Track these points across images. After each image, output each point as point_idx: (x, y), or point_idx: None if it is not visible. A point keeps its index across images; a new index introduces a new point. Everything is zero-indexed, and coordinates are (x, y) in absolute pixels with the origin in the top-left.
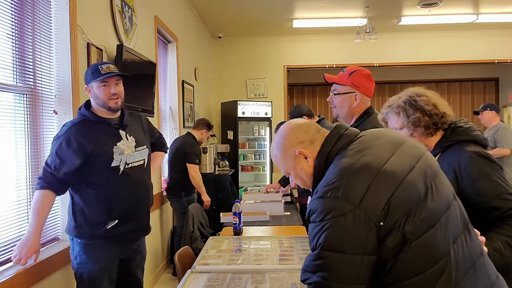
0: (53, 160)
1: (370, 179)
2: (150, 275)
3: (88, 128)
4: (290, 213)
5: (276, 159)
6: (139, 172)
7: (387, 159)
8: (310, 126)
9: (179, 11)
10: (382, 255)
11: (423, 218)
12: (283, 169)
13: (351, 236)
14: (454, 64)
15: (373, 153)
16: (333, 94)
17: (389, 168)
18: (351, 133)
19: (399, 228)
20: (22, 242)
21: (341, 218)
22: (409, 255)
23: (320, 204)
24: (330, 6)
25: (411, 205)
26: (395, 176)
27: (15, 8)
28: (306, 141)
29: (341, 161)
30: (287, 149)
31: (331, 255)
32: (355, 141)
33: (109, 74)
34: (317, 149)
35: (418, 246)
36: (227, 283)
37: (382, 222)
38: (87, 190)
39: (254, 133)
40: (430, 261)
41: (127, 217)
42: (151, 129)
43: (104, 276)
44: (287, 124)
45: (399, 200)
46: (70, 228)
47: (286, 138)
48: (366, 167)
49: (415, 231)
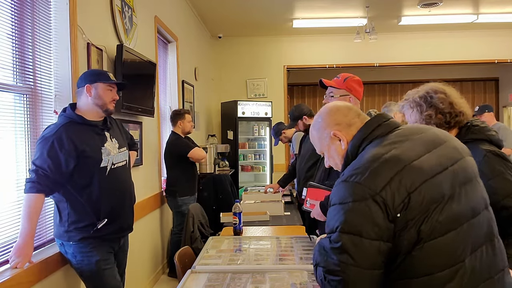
0: (45, 161)
1: (395, 171)
2: (150, 275)
3: (76, 130)
4: (290, 213)
5: (312, 137)
6: (123, 172)
7: (419, 155)
8: (350, 110)
9: (179, 11)
10: (395, 248)
11: (442, 220)
12: (318, 148)
13: (369, 221)
14: (454, 64)
15: (405, 147)
16: (330, 97)
17: (418, 164)
18: (391, 124)
19: (415, 225)
20: (19, 248)
21: (361, 203)
22: (422, 254)
23: (342, 187)
24: (330, 6)
25: (431, 204)
26: (422, 173)
27: (15, 8)
28: (343, 124)
29: (372, 149)
30: (323, 129)
31: (349, 238)
32: (394, 132)
33: (117, 82)
34: (352, 133)
35: (432, 247)
36: (227, 283)
37: (399, 214)
38: (73, 193)
39: (254, 133)
40: (442, 264)
41: (114, 216)
42: (126, 131)
43: (104, 266)
44: (328, 105)
45: (420, 197)
46: (60, 233)
47: (324, 118)
48: (395, 158)
49: (431, 232)
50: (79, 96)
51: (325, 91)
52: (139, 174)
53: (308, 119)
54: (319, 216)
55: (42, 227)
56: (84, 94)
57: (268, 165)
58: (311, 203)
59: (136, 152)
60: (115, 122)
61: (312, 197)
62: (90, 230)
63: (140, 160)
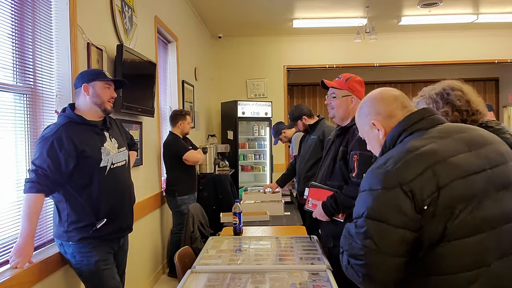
0: (44, 161)
1: (429, 164)
2: (150, 275)
3: (76, 130)
4: (290, 213)
5: (356, 121)
6: (122, 171)
7: (457, 152)
8: (395, 101)
9: (179, 11)
10: (419, 240)
11: (471, 221)
12: (360, 131)
13: (395, 209)
14: (454, 64)
15: (445, 143)
16: (332, 97)
17: (454, 161)
18: (435, 119)
19: (442, 221)
20: (19, 248)
21: (389, 191)
22: (447, 251)
23: (373, 174)
24: (330, 6)
25: (460, 203)
26: (456, 170)
27: (15, 8)
28: (384, 114)
29: (410, 142)
30: (364, 116)
31: (374, 224)
32: (436, 127)
33: (115, 79)
34: (392, 125)
35: (458, 246)
36: (227, 283)
37: (426, 207)
38: (73, 193)
39: (254, 133)
40: (466, 265)
41: (113, 216)
42: (125, 131)
43: (103, 266)
44: (375, 92)
45: (450, 193)
46: (60, 233)
47: (367, 105)
48: (431, 152)
49: (459, 230)
50: (77, 96)
51: (326, 91)
52: (139, 174)
53: (308, 119)
54: (321, 216)
55: (42, 227)
56: (82, 93)
57: (268, 165)
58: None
59: (136, 152)
60: (115, 122)
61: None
62: (90, 230)
63: (140, 160)
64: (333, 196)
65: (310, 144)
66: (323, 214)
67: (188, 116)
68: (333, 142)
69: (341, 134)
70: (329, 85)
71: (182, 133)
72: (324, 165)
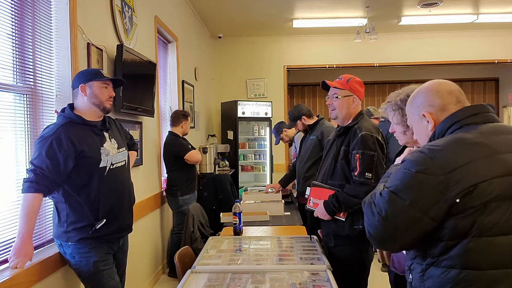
0: (43, 161)
1: (470, 159)
2: (150, 275)
3: (75, 130)
4: (290, 213)
5: (407, 108)
6: (122, 172)
7: (504, 152)
8: (450, 95)
9: (179, 11)
10: (447, 231)
11: (505, 220)
12: (408, 119)
13: (422, 194)
14: (454, 64)
15: (494, 139)
16: (334, 98)
17: (500, 158)
18: (489, 117)
19: (473, 214)
20: (18, 248)
21: (423, 176)
22: (476, 246)
23: (415, 155)
24: (330, 6)
25: (497, 201)
26: (501, 167)
27: (15, 8)
28: (437, 107)
29: (461, 134)
30: (416, 106)
31: (395, 200)
32: (489, 124)
33: (112, 78)
34: (443, 118)
35: (489, 242)
36: (227, 283)
37: (459, 200)
38: (72, 194)
39: (254, 133)
40: (494, 263)
41: (113, 216)
42: (125, 131)
43: (102, 267)
44: (431, 83)
45: (489, 189)
46: (59, 233)
47: (421, 95)
48: (478, 145)
49: (491, 227)
50: (75, 97)
51: (326, 91)
52: (139, 174)
53: (307, 119)
54: (323, 215)
55: (42, 227)
56: (79, 94)
57: (268, 165)
58: (314, 202)
59: (136, 152)
60: (114, 123)
61: (316, 196)
62: (89, 230)
63: (140, 160)
64: (334, 195)
65: (309, 144)
66: (325, 213)
67: (189, 117)
68: (334, 141)
69: (343, 134)
70: (331, 85)
71: (183, 133)
72: (325, 164)
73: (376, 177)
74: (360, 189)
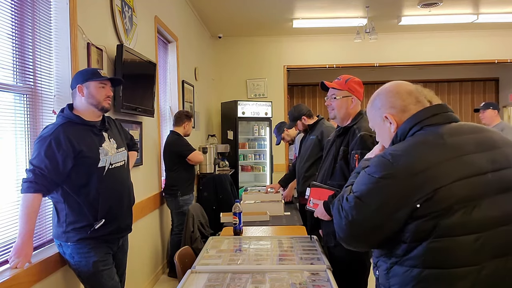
0: (42, 161)
1: (436, 161)
2: (150, 275)
3: (74, 130)
4: (290, 213)
5: (368, 111)
6: (121, 172)
7: (464, 153)
8: (410, 95)
9: (179, 11)
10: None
11: (466, 221)
12: (370, 122)
13: (386, 199)
14: (454, 64)
15: (454, 142)
16: (333, 98)
17: (459, 161)
18: (449, 117)
19: (435, 218)
20: (19, 248)
21: (385, 181)
22: (438, 247)
23: (378, 161)
24: (330, 6)
25: (457, 204)
26: (460, 171)
27: (15, 8)
28: (398, 108)
29: (420, 136)
30: (377, 108)
31: (361, 205)
32: (448, 125)
33: (108, 78)
34: (405, 119)
35: (450, 242)
36: (227, 283)
37: (419, 205)
38: (71, 194)
39: (254, 133)
40: (457, 262)
41: (112, 217)
42: (125, 132)
43: (102, 268)
44: (390, 84)
45: (449, 194)
46: (58, 234)
47: (381, 97)
48: (441, 147)
49: (450, 229)
50: (74, 97)
51: (326, 92)
52: (139, 174)
53: (307, 119)
54: (323, 215)
55: (42, 227)
56: (77, 95)
57: (268, 165)
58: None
59: (137, 152)
60: (114, 123)
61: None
62: (88, 230)
63: (140, 160)
64: (334, 195)
65: (309, 144)
66: (325, 213)
67: (192, 118)
68: (333, 142)
69: (342, 134)
70: (329, 86)
71: (185, 134)
72: (324, 165)
73: None
74: None
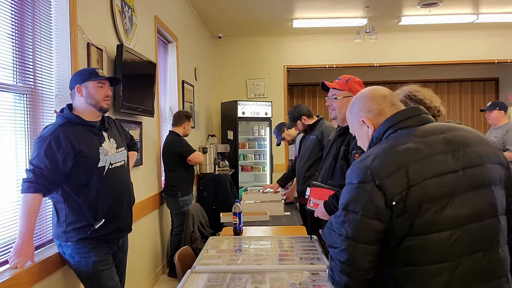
0: (42, 161)
1: (403, 163)
2: (150, 275)
3: (74, 130)
4: (290, 213)
5: (347, 117)
6: (121, 172)
7: (433, 153)
8: (384, 99)
9: (179, 11)
10: (389, 232)
11: (438, 219)
12: (350, 128)
13: (368, 201)
14: (454, 64)
15: (423, 143)
16: (333, 98)
17: (428, 162)
18: (422, 118)
19: (410, 217)
20: (19, 249)
21: (364, 185)
22: (414, 245)
23: (354, 168)
24: (330, 6)
25: (429, 202)
26: (429, 170)
27: (15, 8)
28: (374, 112)
29: (392, 139)
30: (355, 113)
31: (349, 214)
32: (422, 126)
33: (107, 77)
34: (381, 122)
35: (424, 240)
36: (227, 283)
37: (395, 203)
38: (71, 194)
39: (254, 133)
40: (432, 259)
41: (112, 216)
42: (125, 132)
43: (102, 267)
44: (366, 90)
45: (420, 192)
46: (58, 234)
47: (358, 103)
48: (407, 151)
49: (425, 227)
50: (73, 98)
51: (326, 92)
52: (139, 174)
53: (307, 119)
54: (323, 215)
55: (42, 227)
56: (76, 95)
57: (268, 165)
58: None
59: (137, 152)
60: (114, 123)
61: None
62: (88, 230)
63: (140, 160)
64: (334, 195)
65: (309, 144)
66: (325, 213)
67: (191, 118)
68: (334, 142)
69: (342, 134)
70: (330, 86)
71: (184, 134)
72: (325, 164)
73: None
74: None
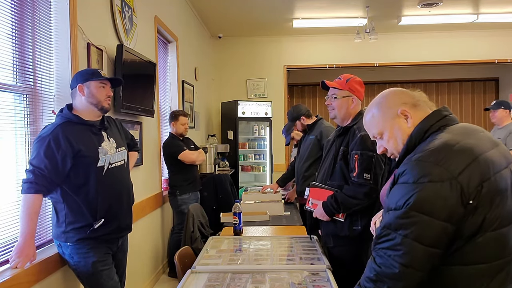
0: (42, 161)
1: (471, 159)
2: (150, 275)
3: (73, 129)
4: (290, 213)
5: (372, 118)
6: (121, 171)
7: (488, 149)
8: (415, 94)
9: (179, 11)
10: (457, 232)
11: (504, 213)
12: (377, 129)
13: (442, 203)
14: (454, 64)
15: (477, 139)
16: (333, 98)
17: (489, 157)
18: (453, 118)
19: (482, 213)
20: (20, 249)
21: (437, 184)
22: (483, 242)
23: (418, 166)
24: (330, 6)
25: (497, 196)
26: (493, 165)
27: (15, 8)
28: (409, 103)
29: (444, 136)
30: (387, 108)
31: (418, 216)
32: (455, 125)
33: (109, 78)
34: (419, 114)
35: (493, 237)
36: (227, 283)
37: (472, 201)
38: (70, 194)
39: (254, 133)
40: (498, 254)
41: (111, 216)
42: (125, 131)
43: (101, 268)
44: (388, 90)
45: (491, 186)
46: (58, 234)
47: (389, 98)
48: (470, 147)
49: (495, 222)
50: (74, 97)
51: (326, 91)
52: (139, 174)
53: (306, 119)
54: (322, 215)
55: (42, 227)
56: (77, 94)
57: (268, 165)
58: (313, 202)
59: (137, 152)
60: (114, 122)
61: (315, 196)
62: (87, 230)
63: (140, 160)
64: (333, 196)
65: (308, 144)
66: (324, 213)
67: (182, 117)
68: (333, 142)
69: (342, 134)
70: (330, 85)
71: (177, 133)
72: (324, 165)
73: (375, 177)
74: (359, 190)
